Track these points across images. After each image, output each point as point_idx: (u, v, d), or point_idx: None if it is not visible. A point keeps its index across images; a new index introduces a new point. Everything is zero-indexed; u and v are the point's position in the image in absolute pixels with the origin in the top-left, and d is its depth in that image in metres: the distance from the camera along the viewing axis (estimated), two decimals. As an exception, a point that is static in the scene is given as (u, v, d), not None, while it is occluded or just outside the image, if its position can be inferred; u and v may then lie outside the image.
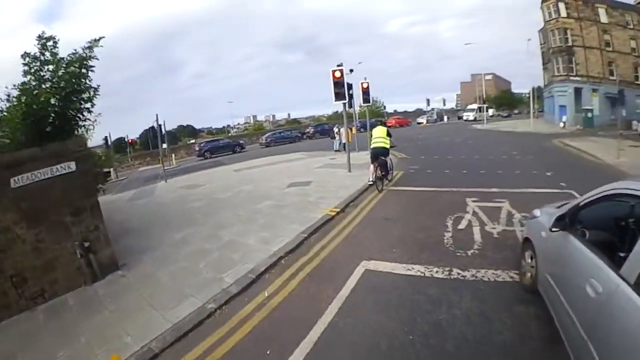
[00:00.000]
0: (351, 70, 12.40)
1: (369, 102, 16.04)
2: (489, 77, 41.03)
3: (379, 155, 9.06)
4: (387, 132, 9.33)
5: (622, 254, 2.20)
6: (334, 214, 7.26)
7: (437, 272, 4.58)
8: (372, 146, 9.26)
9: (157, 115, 16.68)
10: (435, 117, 52.88)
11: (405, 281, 4.44)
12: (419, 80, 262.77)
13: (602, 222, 2.84)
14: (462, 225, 6.26)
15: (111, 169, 25.20)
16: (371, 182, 9.27)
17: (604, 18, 31.80)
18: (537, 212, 4.11)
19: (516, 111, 76.72)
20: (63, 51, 5.42)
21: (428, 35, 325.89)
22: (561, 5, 31.59)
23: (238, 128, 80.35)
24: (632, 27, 32.25)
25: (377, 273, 4.72)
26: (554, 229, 3.08)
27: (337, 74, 10.36)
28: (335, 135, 19.93)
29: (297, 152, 21.18)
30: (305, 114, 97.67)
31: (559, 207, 3.66)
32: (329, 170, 12.55)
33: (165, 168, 20.46)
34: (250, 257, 5.36)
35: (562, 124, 29.72)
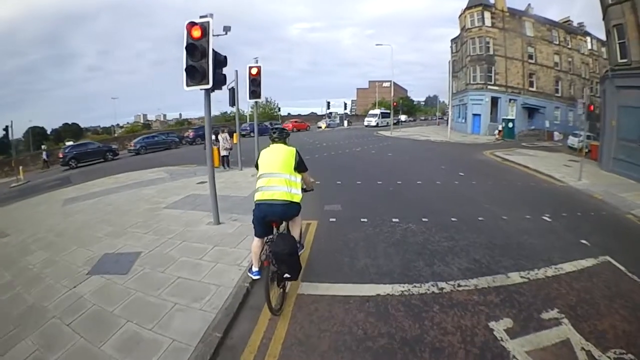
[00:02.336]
0: (227, 30, 5.94)
1: (259, 97, 9.60)
2: (387, 84, 39.71)
3: (275, 221, 3.68)
4: (297, 158, 3.71)
5: None
6: None
7: None
8: (259, 197, 3.58)
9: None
10: (337, 121, 49.33)
11: None
12: (314, 85, 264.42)
13: None
14: None
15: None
16: (256, 276, 3.80)
17: (529, 32, 31.89)
18: None
19: (422, 117, 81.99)
20: None
21: (328, 42, 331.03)
22: (486, 14, 30.79)
23: (126, 128, 68.09)
24: (557, 43, 33.06)
25: None
26: None
27: (197, 33, 4.73)
28: (213, 144, 14.09)
29: (161, 167, 15.05)
30: (197, 114, 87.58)
31: None
32: (184, 218, 6.94)
33: (12, 185, 18.99)
34: None
35: (497, 132, 28.30)
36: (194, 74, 4.68)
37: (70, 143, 29.97)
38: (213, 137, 13.49)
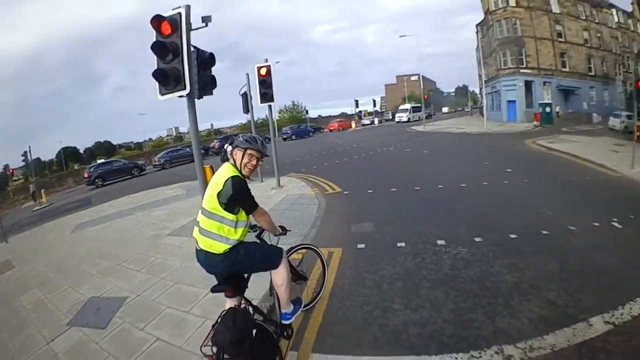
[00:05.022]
0: (206, 21, 4.13)
1: (271, 99, 8.04)
2: (414, 77, 37.90)
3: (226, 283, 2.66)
4: (229, 190, 2.42)
5: None
6: None
7: None
8: (194, 236, 2.65)
9: None
10: (379, 118, 50.47)
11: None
12: (341, 86, 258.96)
13: None
14: None
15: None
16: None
17: (555, 8, 29.61)
18: None
19: (459, 108, 79.47)
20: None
21: (352, 41, 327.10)
22: (510, -7, 28.77)
23: (152, 142, 69.08)
24: (584, 18, 30.56)
25: None
26: None
27: (166, 29, 3.66)
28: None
29: (182, 183, 14.51)
30: (229, 123, 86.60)
31: None
32: (185, 248, 5.82)
33: (34, 209, 19.79)
34: None
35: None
36: (166, 79, 3.66)
37: (102, 160, 30.54)
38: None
